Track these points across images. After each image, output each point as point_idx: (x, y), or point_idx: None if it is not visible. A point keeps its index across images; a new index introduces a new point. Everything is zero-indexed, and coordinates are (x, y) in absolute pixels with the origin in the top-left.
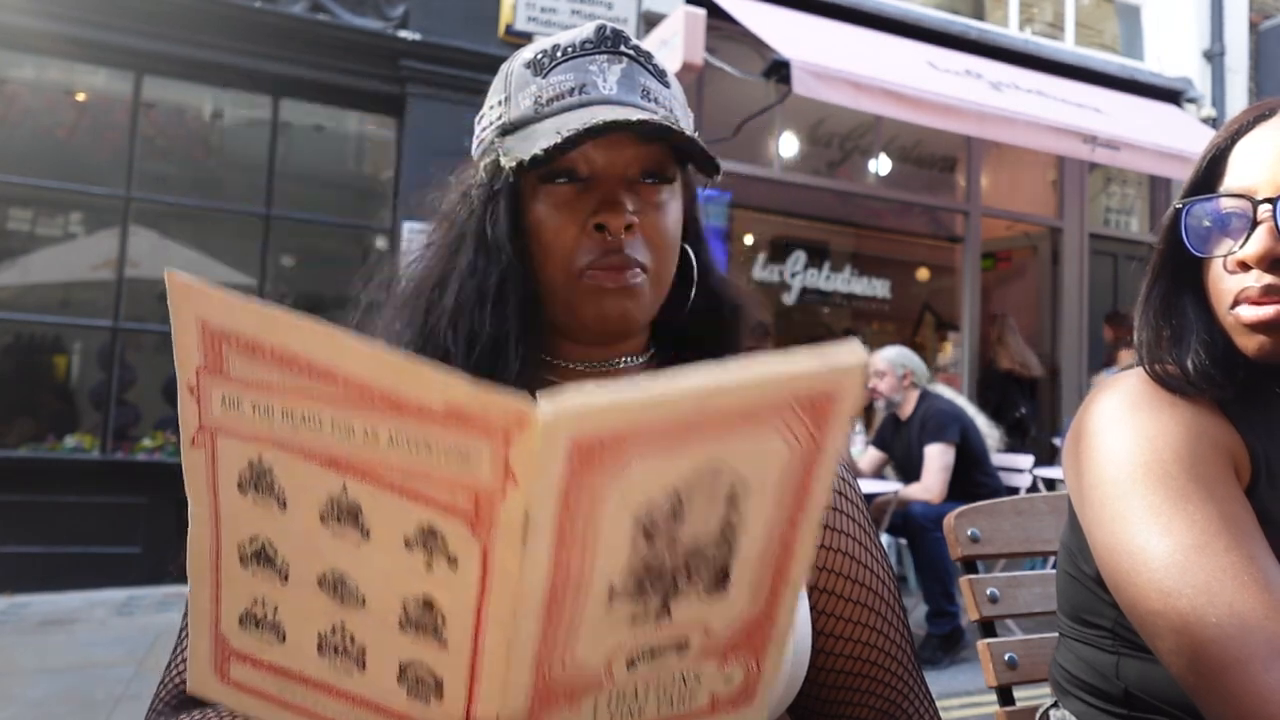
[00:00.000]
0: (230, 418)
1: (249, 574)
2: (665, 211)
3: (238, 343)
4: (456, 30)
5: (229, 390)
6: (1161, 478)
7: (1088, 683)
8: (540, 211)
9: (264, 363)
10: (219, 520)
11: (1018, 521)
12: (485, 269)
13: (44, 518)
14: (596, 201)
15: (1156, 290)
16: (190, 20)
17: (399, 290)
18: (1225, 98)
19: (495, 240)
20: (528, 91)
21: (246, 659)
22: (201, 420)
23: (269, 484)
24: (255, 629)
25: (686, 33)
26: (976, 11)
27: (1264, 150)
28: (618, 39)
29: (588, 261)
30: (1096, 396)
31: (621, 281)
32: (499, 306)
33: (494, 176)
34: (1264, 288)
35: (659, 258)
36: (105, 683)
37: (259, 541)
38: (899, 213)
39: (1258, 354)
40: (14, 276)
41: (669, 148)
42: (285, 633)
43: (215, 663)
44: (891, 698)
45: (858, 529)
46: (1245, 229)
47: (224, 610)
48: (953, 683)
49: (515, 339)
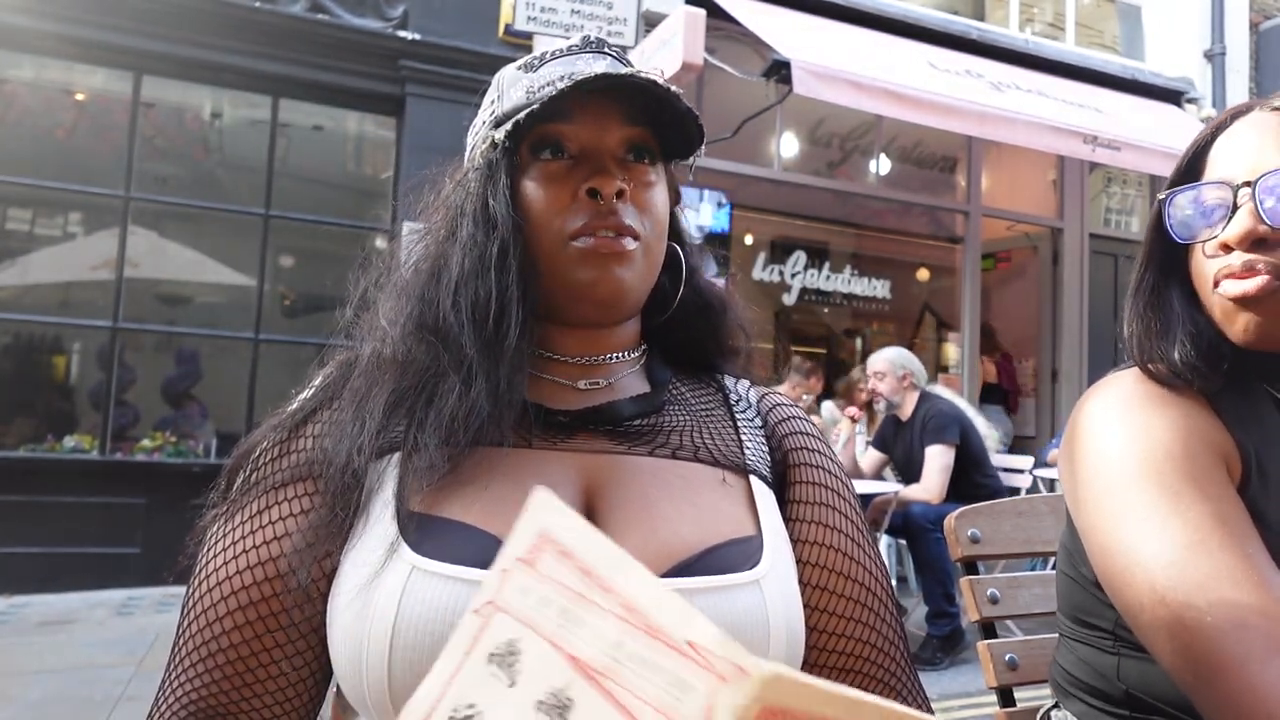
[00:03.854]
0: (517, 599)
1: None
2: (653, 190)
3: (557, 548)
4: (456, 30)
5: (528, 580)
6: (1155, 477)
7: (1088, 684)
8: (533, 184)
9: (568, 568)
10: (453, 681)
11: (1018, 522)
12: (484, 242)
13: (43, 518)
14: (587, 172)
15: (1145, 283)
16: (190, 20)
17: (398, 279)
18: (1226, 98)
19: (493, 213)
20: (519, 86)
21: None
22: (494, 596)
23: (512, 663)
24: None
25: (686, 33)
26: (977, 12)
27: (1242, 144)
28: (602, 44)
29: (580, 225)
30: (1089, 397)
31: (615, 247)
32: (501, 273)
33: (490, 157)
34: (1245, 262)
35: (650, 228)
36: (104, 683)
37: (474, 710)
38: (899, 213)
39: (1244, 337)
40: (13, 276)
41: (653, 135)
42: None
43: None
44: (884, 695)
45: (852, 527)
46: (1226, 216)
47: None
48: (953, 683)
49: (517, 300)
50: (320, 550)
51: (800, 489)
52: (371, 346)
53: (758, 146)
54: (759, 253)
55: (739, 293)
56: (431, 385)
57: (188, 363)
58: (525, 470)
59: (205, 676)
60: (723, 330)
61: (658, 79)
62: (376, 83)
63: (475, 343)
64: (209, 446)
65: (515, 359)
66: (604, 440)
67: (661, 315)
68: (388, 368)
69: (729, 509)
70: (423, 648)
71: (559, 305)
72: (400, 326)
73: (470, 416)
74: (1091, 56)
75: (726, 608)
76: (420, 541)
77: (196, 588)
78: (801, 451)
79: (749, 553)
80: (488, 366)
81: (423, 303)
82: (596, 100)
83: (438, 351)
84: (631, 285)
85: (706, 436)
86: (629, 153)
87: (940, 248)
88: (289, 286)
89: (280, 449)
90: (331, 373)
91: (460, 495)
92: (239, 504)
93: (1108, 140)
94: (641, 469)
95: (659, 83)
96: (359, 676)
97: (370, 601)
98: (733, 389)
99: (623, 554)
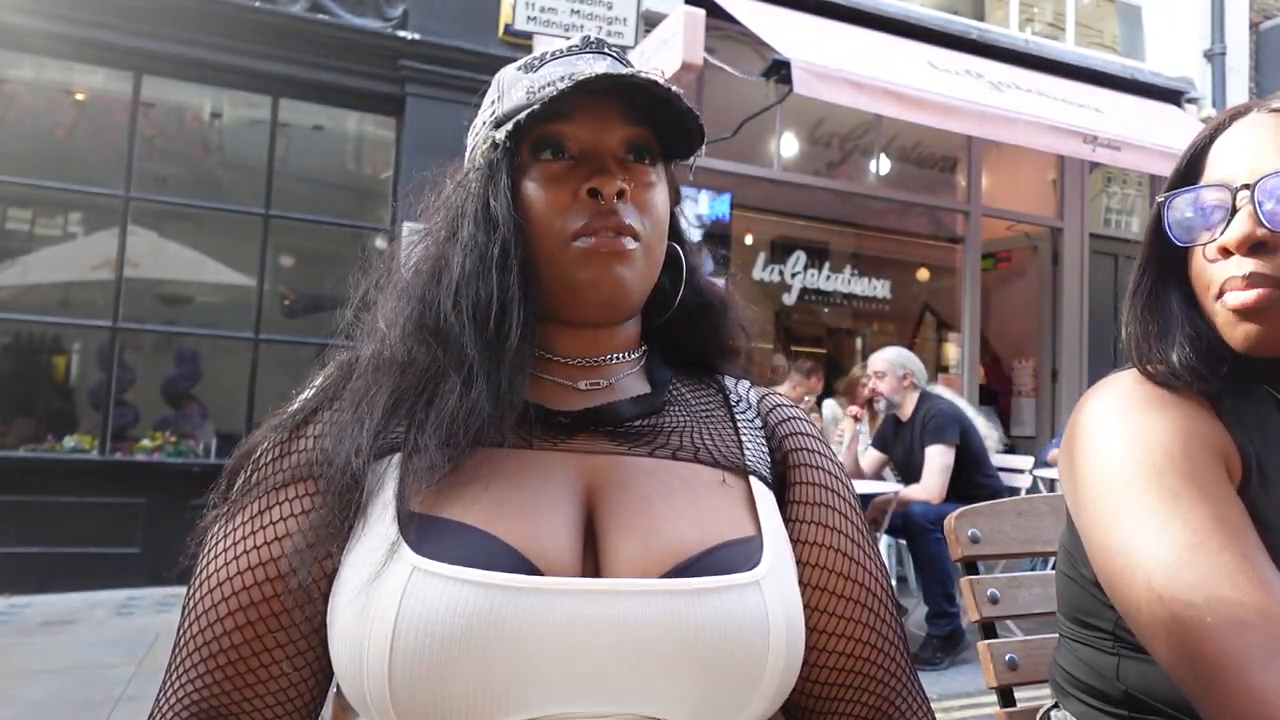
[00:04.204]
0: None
1: None
2: (654, 191)
3: None
4: (456, 30)
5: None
6: (1154, 478)
7: (1088, 684)
8: (534, 185)
9: None
10: None
11: (1018, 522)
12: (486, 242)
13: (43, 518)
14: (588, 172)
15: (1143, 285)
16: (190, 20)
17: (398, 280)
18: (1226, 98)
19: (494, 214)
20: (520, 86)
21: None
22: None
23: None
24: None
25: (686, 33)
26: (977, 12)
27: (1241, 145)
28: (601, 44)
29: (581, 225)
30: (1089, 398)
31: (616, 246)
32: (503, 273)
33: (490, 158)
34: (1248, 274)
35: (650, 228)
36: (105, 683)
37: None
38: (899, 213)
39: (1245, 345)
40: (13, 276)
41: (654, 135)
42: None
43: None
44: (885, 695)
45: (852, 527)
46: (1225, 218)
47: None
48: (953, 683)
49: (518, 300)
50: (321, 550)
51: (800, 489)
52: (372, 347)
53: (758, 146)
54: (759, 253)
55: (739, 293)
56: (432, 386)
57: (188, 363)
58: (526, 471)
59: (206, 677)
60: (723, 330)
61: (659, 79)
62: (376, 83)
63: (476, 343)
64: (209, 446)
65: (516, 360)
66: (604, 441)
67: (661, 316)
68: (388, 369)
69: (729, 510)
70: (423, 648)
71: (560, 305)
72: (400, 328)
73: (470, 417)
74: (1091, 56)
75: (727, 608)
76: (421, 542)
77: (197, 588)
78: (801, 452)
79: (749, 553)
80: (489, 367)
81: (423, 304)
82: (597, 100)
83: (438, 352)
84: (632, 285)
85: (706, 437)
86: (629, 153)
87: (940, 248)
88: (289, 286)
89: (281, 449)
90: (332, 373)
91: (461, 496)
92: (239, 504)
93: (1108, 140)
94: (642, 470)
95: (660, 83)
96: (359, 677)
97: (371, 602)
98: (733, 389)
99: None
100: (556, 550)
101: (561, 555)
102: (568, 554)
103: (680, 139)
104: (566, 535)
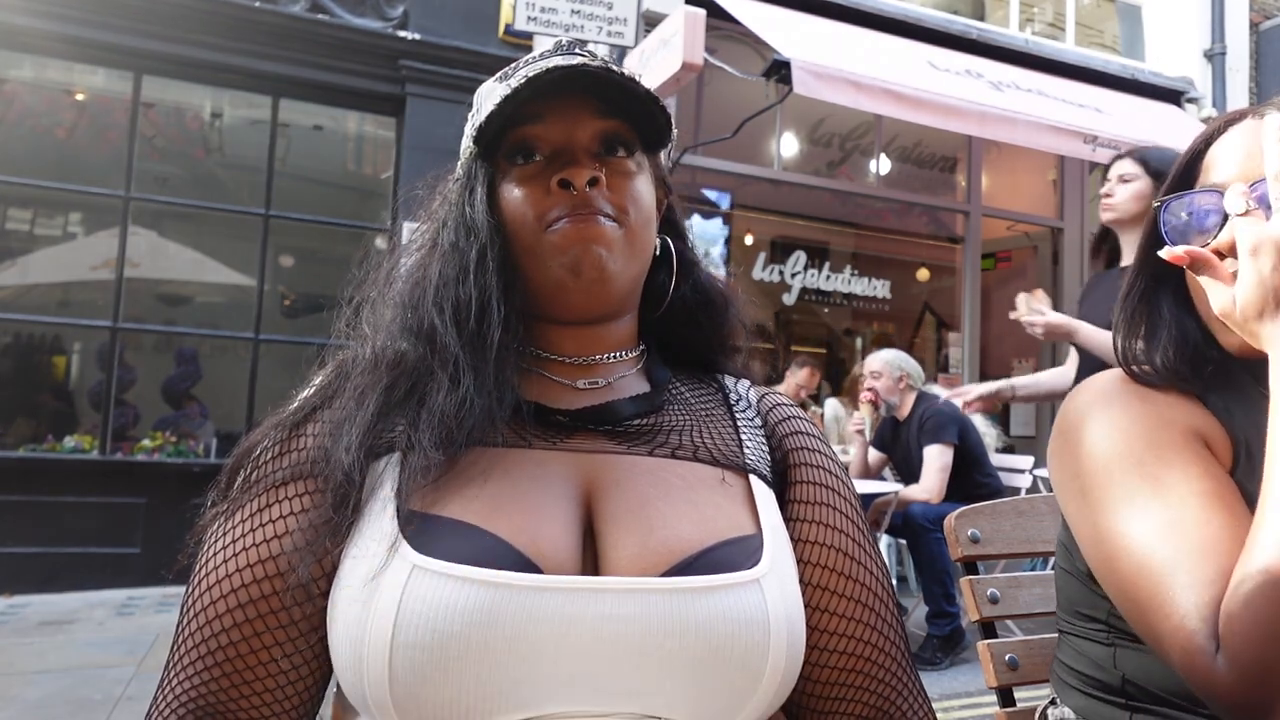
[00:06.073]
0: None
1: None
2: (633, 180)
3: None
4: (456, 30)
5: None
6: (1135, 464)
7: (1087, 675)
8: (509, 188)
9: None
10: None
11: (1018, 522)
12: (465, 248)
13: (43, 518)
14: (559, 166)
15: (1135, 288)
16: (190, 20)
17: (394, 292)
18: (1226, 98)
19: (472, 220)
20: (494, 96)
21: None
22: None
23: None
24: None
25: (686, 33)
26: (977, 12)
27: (1236, 151)
28: (574, 46)
29: (555, 215)
30: (1073, 396)
31: (589, 225)
32: (480, 275)
33: (468, 168)
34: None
35: (631, 211)
36: (104, 683)
37: None
38: (899, 213)
39: (1239, 348)
40: (13, 276)
41: (629, 126)
42: None
43: None
44: (886, 694)
45: (852, 527)
46: (1220, 223)
47: None
48: (953, 683)
49: (497, 299)
50: (320, 549)
51: (800, 489)
52: (367, 349)
53: (758, 146)
54: (759, 253)
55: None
56: (423, 385)
57: (188, 363)
58: (525, 470)
59: (205, 675)
60: (724, 328)
61: (613, 66)
62: (376, 83)
63: (459, 341)
64: (209, 446)
65: (502, 355)
66: (603, 440)
67: (659, 312)
68: (382, 369)
69: (729, 508)
70: (423, 646)
71: (548, 300)
72: (389, 332)
73: (462, 413)
74: (1091, 56)
75: (727, 606)
76: (420, 540)
77: (196, 586)
78: (801, 451)
79: (749, 552)
80: (475, 363)
81: (409, 309)
82: (566, 100)
83: (425, 352)
84: (613, 268)
85: (706, 436)
86: (603, 146)
87: (940, 247)
88: (289, 286)
89: (280, 448)
90: (331, 372)
91: (460, 494)
92: (239, 502)
93: (1108, 140)
94: (641, 469)
95: (614, 69)
96: (359, 675)
97: (371, 600)
98: (732, 388)
99: None
100: (556, 549)
101: (561, 553)
102: (567, 552)
103: (656, 129)
104: (566, 534)
